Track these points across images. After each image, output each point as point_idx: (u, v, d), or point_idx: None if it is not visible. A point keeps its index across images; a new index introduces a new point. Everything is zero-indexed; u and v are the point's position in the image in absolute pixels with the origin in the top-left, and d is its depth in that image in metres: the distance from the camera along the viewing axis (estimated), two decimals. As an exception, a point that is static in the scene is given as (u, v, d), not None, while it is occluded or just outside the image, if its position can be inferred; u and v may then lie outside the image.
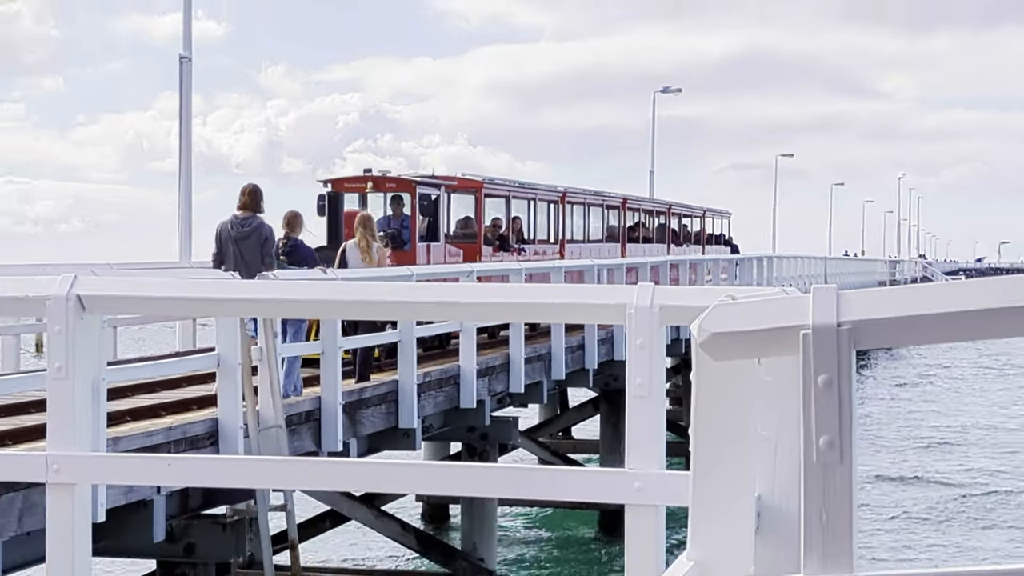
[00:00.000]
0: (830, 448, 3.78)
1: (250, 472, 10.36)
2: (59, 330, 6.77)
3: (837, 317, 3.79)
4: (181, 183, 29.63)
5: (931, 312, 4.19)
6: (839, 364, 3.78)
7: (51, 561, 6.70)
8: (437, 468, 15.83)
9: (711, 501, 4.00)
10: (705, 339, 3.92)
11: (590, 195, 38.34)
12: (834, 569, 3.81)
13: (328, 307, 12.92)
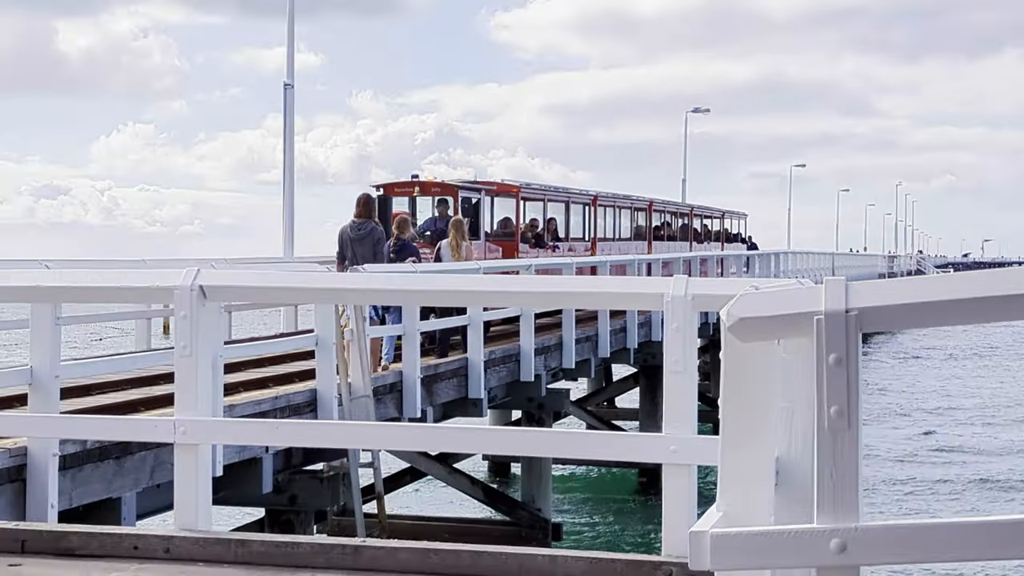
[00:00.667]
0: (839, 416, 3.72)
1: (343, 434, 10.37)
2: (184, 315, 6.78)
3: (846, 304, 3.73)
4: (285, 191, 29.75)
5: (926, 300, 4.12)
6: (847, 345, 3.72)
7: (178, 508, 6.72)
8: (501, 432, 15.85)
9: (737, 461, 3.96)
10: (733, 323, 3.86)
11: (619, 199, 37.44)
12: (843, 519, 3.74)
13: (401, 296, 12.93)
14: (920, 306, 4.23)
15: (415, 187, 25.25)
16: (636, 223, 38.29)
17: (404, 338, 16.19)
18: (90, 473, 10.58)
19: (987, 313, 4.21)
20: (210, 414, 7.16)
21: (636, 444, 11.58)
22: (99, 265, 18.41)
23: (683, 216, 45.18)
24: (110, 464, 10.79)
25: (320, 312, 14.14)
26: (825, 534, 3.76)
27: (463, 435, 12.88)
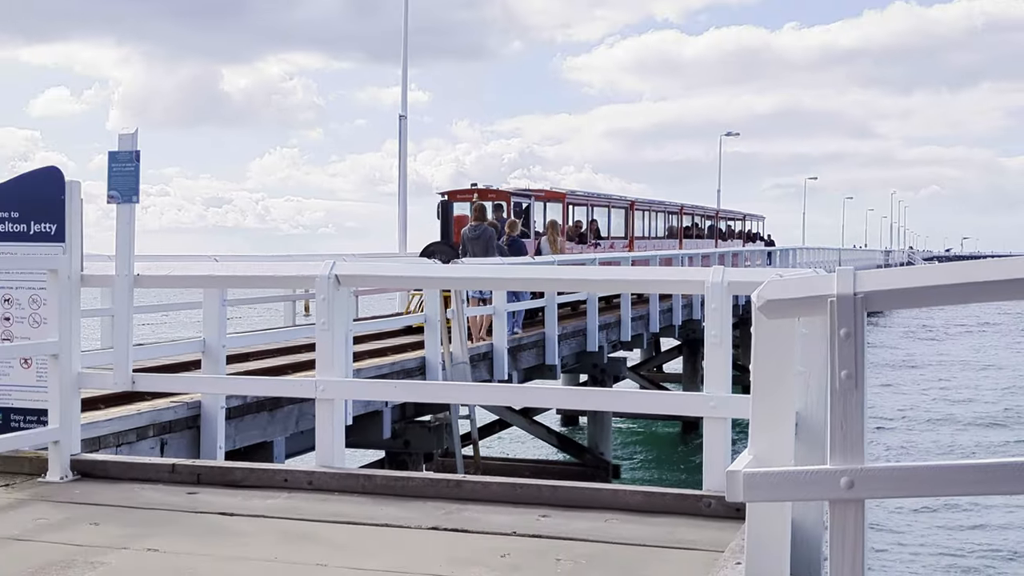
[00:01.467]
0: (849, 379, 3.68)
1: (446, 392, 10.44)
2: (323, 298, 6.84)
3: (854, 289, 3.69)
4: (400, 200, 29.80)
5: (919, 285, 4.05)
6: (855, 321, 3.68)
7: (319, 450, 6.78)
8: (571, 391, 15.86)
9: (765, 415, 3.94)
10: (762, 304, 3.84)
11: (654, 203, 36.46)
12: (851, 461, 3.71)
13: (487, 282, 12.95)
14: (914, 290, 4.18)
15: (474, 194, 24.34)
16: (669, 224, 37.32)
17: (495, 317, 16.22)
18: (249, 422, 10.75)
19: (966, 296, 4.17)
20: (343, 376, 7.24)
21: (682, 401, 11.59)
22: (255, 259, 18.66)
23: (710, 218, 44.02)
24: (265, 415, 10.95)
25: (429, 296, 14.21)
26: (837, 473, 3.72)
27: (541, 393, 12.86)
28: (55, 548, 5.19)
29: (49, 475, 6.72)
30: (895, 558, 15.49)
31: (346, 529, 5.55)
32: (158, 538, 5.38)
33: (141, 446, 9.14)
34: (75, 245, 7.12)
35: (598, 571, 4.77)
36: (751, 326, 3.97)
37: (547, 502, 5.96)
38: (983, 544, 16.41)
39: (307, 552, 5.12)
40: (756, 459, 3.98)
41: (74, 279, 7.05)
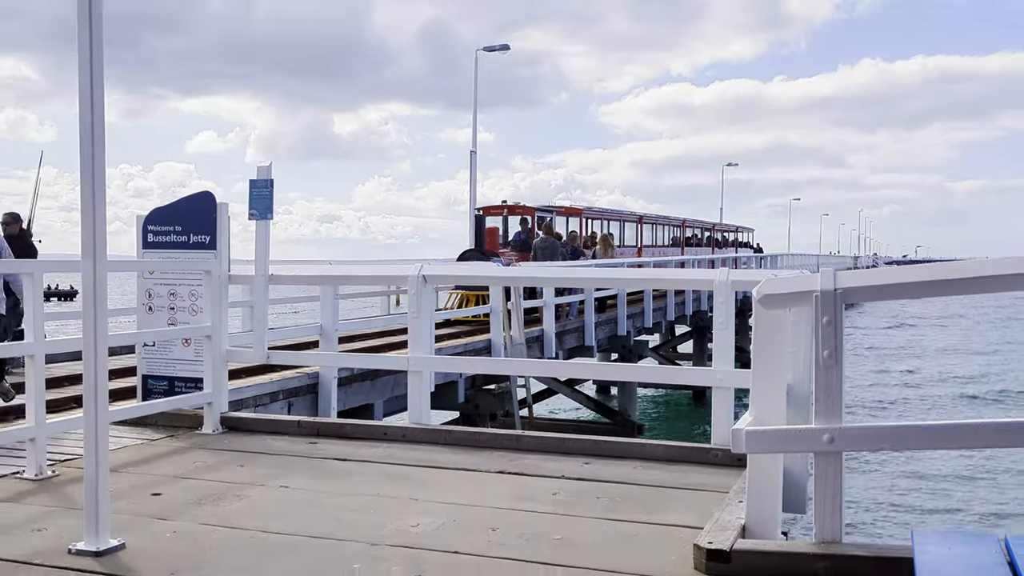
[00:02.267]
0: (830, 357, 3.63)
1: (507, 366, 10.44)
2: (414, 293, 6.84)
3: (834, 286, 3.63)
4: (470, 217, 29.68)
5: (884, 283, 3.98)
6: (835, 311, 3.63)
7: (411, 410, 6.81)
8: (605, 366, 15.80)
9: (762, 385, 3.90)
10: (760, 297, 3.81)
11: (660, 218, 34.62)
12: (832, 422, 3.66)
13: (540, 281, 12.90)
14: (881, 287, 4.12)
15: (504, 209, 23.23)
16: (673, 235, 35.92)
17: (545, 308, 16.12)
18: (356, 388, 10.79)
19: (921, 291, 4.11)
20: (428, 353, 7.24)
21: (695, 374, 11.55)
22: (359, 264, 18.74)
23: (707, 230, 42.29)
24: (367, 383, 10.98)
25: (493, 291, 14.16)
26: (820, 431, 3.68)
27: (581, 367, 12.87)
28: (211, 484, 5.26)
29: (204, 428, 6.81)
30: (866, 499, 15.24)
31: (431, 471, 5.57)
32: (288, 477, 5.44)
33: (273, 407, 9.22)
34: (224, 252, 7.20)
35: (630, 506, 4.74)
36: (749, 316, 3.94)
37: (588, 452, 5.95)
38: (939, 492, 16.09)
39: (402, 488, 5.14)
40: (755, 420, 3.93)
41: (223, 278, 7.14)
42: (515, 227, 22.32)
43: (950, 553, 2.55)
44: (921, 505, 15.28)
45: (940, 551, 2.56)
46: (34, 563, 3.91)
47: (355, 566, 3.86)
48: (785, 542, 3.89)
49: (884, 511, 14.70)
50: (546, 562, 3.90)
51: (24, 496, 5.00)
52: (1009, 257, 3.70)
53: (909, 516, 14.43)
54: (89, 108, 3.91)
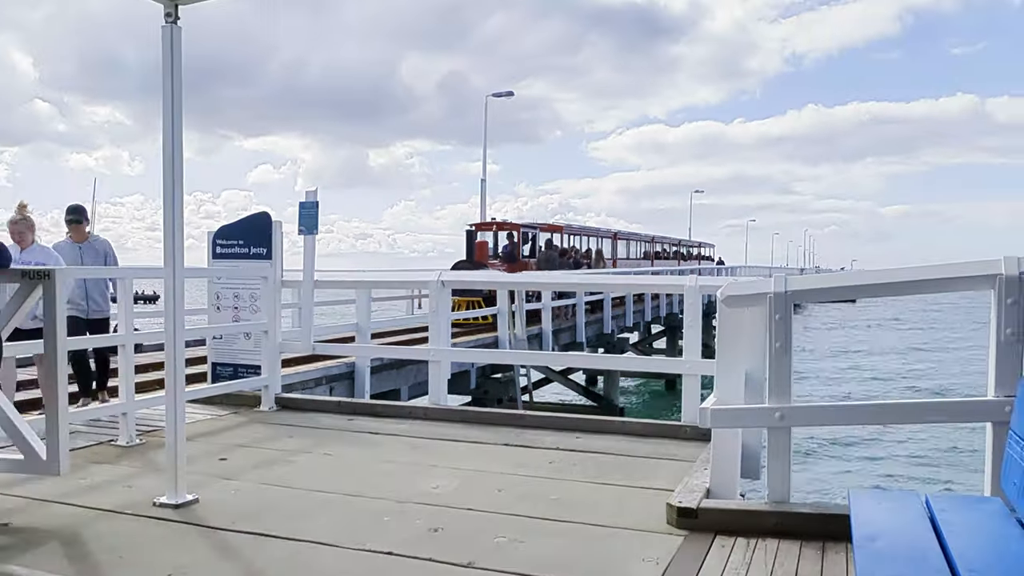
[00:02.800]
0: (780, 347, 3.64)
1: (512, 358, 10.43)
2: (434, 296, 6.85)
3: (785, 288, 3.65)
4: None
5: (825, 287, 3.99)
6: (786, 310, 3.64)
7: (431, 392, 6.79)
8: (593, 357, 15.75)
9: (724, 371, 3.91)
10: (724, 298, 3.82)
11: (632, 234, 32.29)
12: (782, 402, 3.67)
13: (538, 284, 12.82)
14: (822, 290, 4.13)
15: (494, 226, 21.57)
16: (644, 250, 33.82)
17: (543, 309, 16.08)
18: (385, 375, 10.79)
19: (852, 293, 4.13)
20: (446, 346, 7.23)
21: (668, 364, 11.54)
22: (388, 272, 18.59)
23: (675, 245, 40.47)
24: (395, 371, 10.98)
25: (500, 295, 14.14)
26: (772, 410, 3.69)
27: (573, 359, 12.87)
28: (267, 451, 5.28)
29: (262, 407, 6.83)
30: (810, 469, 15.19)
31: (448, 444, 5.58)
32: (330, 446, 5.46)
33: (317, 390, 9.22)
34: (278, 261, 7.23)
35: (614, 473, 4.75)
36: (714, 317, 3.94)
37: (579, 428, 5.95)
38: (875, 462, 16.06)
39: (424, 456, 5.15)
40: (718, 400, 3.94)
41: (277, 283, 7.16)
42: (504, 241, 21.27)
43: (880, 508, 2.56)
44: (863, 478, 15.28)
45: (872, 507, 2.58)
46: (126, 513, 3.94)
47: (385, 519, 3.88)
48: (743, 501, 3.90)
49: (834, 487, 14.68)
50: (545, 517, 3.91)
51: (117, 459, 5.03)
52: (920, 266, 3.74)
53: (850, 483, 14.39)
54: (171, 147, 3.95)
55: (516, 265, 19.26)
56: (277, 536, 3.61)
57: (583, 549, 3.49)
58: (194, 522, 3.81)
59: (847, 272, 3.87)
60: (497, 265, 18.99)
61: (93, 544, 3.51)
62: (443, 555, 3.38)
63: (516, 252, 19.94)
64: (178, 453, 4.07)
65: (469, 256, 19.07)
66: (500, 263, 19.31)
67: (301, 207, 8.11)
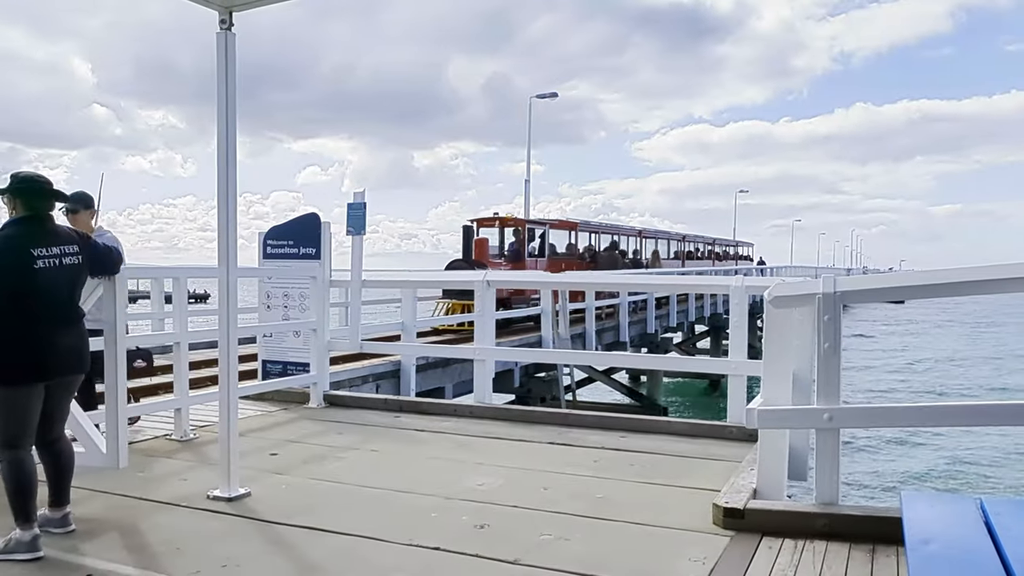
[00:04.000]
0: (829, 348, 3.59)
1: (556, 357, 10.41)
2: (480, 295, 6.86)
3: (834, 289, 3.59)
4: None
5: (874, 287, 3.91)
6: (835, 310, 3.58)
7: (476, 391, 6.81)
8: (636, 357, 15.67)
9: (772, 372, 3.85)
10: (771, 299, 3.77)
11: (661, 232, 29.00)
12: (831, 402, 3.61)
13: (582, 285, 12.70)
14: (872, 291, 4.05)
15: (497, 221, 18.93)
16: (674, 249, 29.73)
17: (586, 312, 15.99)
18: (431, 373, 10.86)
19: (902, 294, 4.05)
20: (491, 345, 7.22)
21: (714, 364, 11.42)
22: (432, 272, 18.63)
23: (709, 244, 35.70)
24: (440, 369, 11.05)
25: (544, 295, 14.10)
26: (821, 411, 3.63)
27: (617, 358, 12.82)
28: (316, 447, 5.36)
29: (311, 403, 6.93)
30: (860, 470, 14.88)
31: (493, 441, 5.60)
32: (377, 442, 5.52)
33: (364, 387, 9.32)
34: (326, 261, 7.33)
35: (659, 472, 4.71)
36: (759, 317, 3.89)
37: (623, 428, 5.92)
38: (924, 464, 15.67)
39: (469, 454, 5.17)
40: (765, 401, 3.89)
41: (326, 282, 7.26)
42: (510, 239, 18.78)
43: (933, 512, 2.50)
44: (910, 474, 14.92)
45: (925, 511, 2.52)
46: (181, 505, 4.04)
47: (432, 515, 3.91)
48: (791, 502, 3.85)
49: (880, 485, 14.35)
50: (590, 515, 3.91)
51: (172, 453, 5.16)
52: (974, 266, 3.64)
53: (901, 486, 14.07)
54: (225, 150, 4.03)
55: (520, 264, 17.40)
56: (327, 530, 3.67)
57: (628, 548, 3.48)
58: (247, 515, 3.89)
59: (897, 272, 3.78)
60: (501, 265, 17.21)
61: (151, 535, 3.61)
62: (489, 551, 3.40)
63: (522, 250, 17.89)
64: (231, 448, 4.16)
65: (466, 255, 17.01)
66: (505, 263, 17.48)
67: (349, 208, 8.22)
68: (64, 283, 3.50)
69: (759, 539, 3.51)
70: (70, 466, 3.66)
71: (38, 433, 3.52)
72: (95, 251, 3.75)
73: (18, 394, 3.37)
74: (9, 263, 3.36)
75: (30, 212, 3.48)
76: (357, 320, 7.70)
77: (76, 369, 3.60)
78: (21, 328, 3.36)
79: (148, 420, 5.94)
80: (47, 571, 3.22)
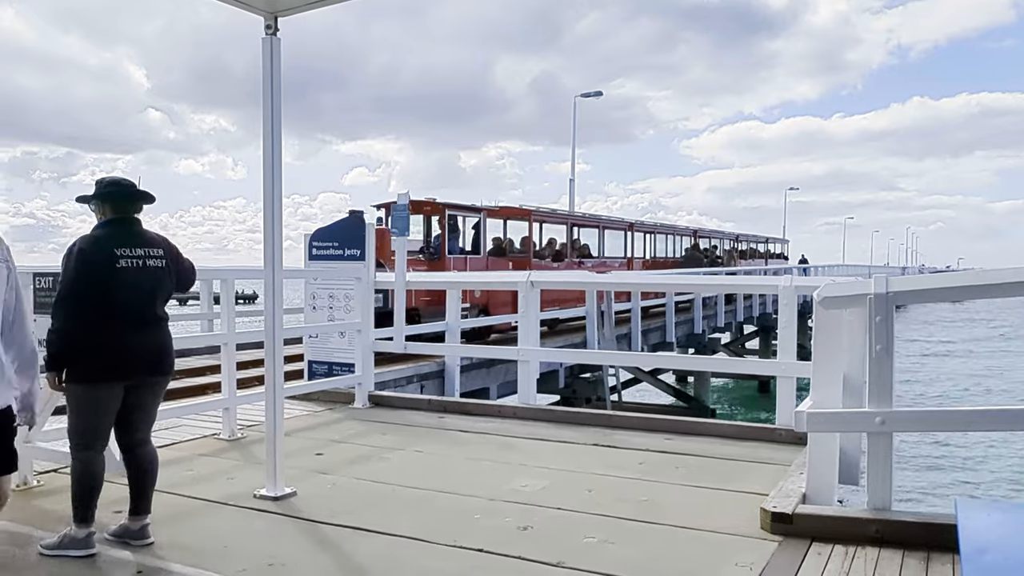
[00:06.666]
0: (882, 350, 3.51)
1: (600, 358, 10.35)
2: (523, 296, 6.85)
3: (886, 289, 3.51)
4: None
5: (929, 287, 3.81)
6: (887, 311, 3.51)
7: (520, 392, 6.79)
8: (683, 357, 15.48)
9: (822, 374, 3.79)
10: (821, 299, 3.70)
11: (661, 226, 24.21)
12: (883, 406, 3.54)
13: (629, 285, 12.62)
14: (926, 291, 3.95)
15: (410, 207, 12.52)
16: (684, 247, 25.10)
17: (632, 314, 15.89)
18: (475, 374, 10.87)
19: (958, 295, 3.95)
20: (535, 346, 7.21)
21: (763, 366, 11.27)
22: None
23: (732, 240, 30.07)
24: (484, 370, 11.06)
25: (589, 296, 14.01)
26: (873, 414, 3.56)
27: (663, 359, 12.69)
28: (361, 448, 5.43)
29: (356, 403, 7.01)
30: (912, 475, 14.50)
31: (537, 443, 5.60)
32: (421, 443, 5.56)
33: (409, 388, 9.39)
34: (371, 262, 7.41)
35: (705, 475, 4.67)
36: (808, 317, 3.82)
37: (669, 430, 5.87)
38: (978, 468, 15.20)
39: (513, 456, 5.18)
40: (815, 404, 3.83)
41: (370, 283, 7.34)
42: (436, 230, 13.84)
43: (991, 520, 2.43)
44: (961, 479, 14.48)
45: (982, 519, 2.45)
46: (228, 504, 4.13)
47: (476, 516, 3.92)
48: (841, 507, 3.77)
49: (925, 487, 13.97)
50: (634, 518, 3.88)
51: (220, 452, 5.27)
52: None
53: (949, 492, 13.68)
54: (270, 155, 4.10)
55: (440, 265, 12.99)
56: (372, 530, 3.71)
57: (674, 552, 3.45)
58: (293, 514, 3.95)
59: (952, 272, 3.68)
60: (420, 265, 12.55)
61: (199, 533, 3.69)
62: (533, 554, 3.40)
63: (441, 246, 13.36)
64: (277, 448, 4.23)
65: None
66: (424, 262, 12.85)
67: (393, 209, 8.32)
68: (146, 284, 3.45)
69: (808, 545, 3.45)
70: (153, 472, 3.57)
71: (119, 436, 3.49)
72: (181, 263, 3.68)
73: (93, 393, 3.35)
74: (92, 261, 3.35)
75: (119, 215, 3.49)
76: (401, 321, 7.77)
77: (158, 371, 3.51)
78: (100, 327, 3.32)
79: (197, 419, 6.08)
80: (97, 568, 3.32)
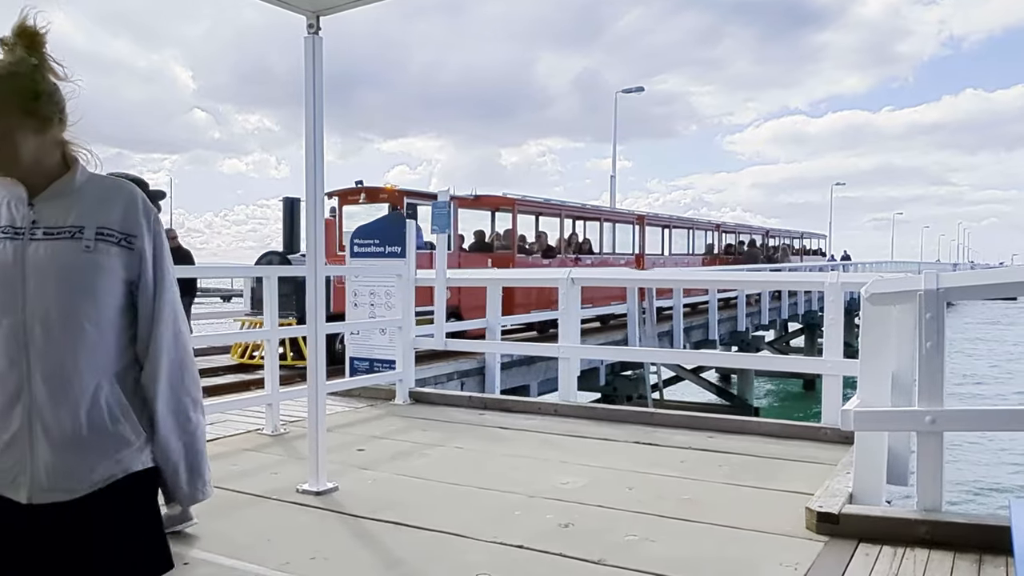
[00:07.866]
0: (932, 347, 3.43)
1: (642, 355, 10.27)
2: (563, 292, 6.85)
3: (937, 285, 3.43)
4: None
5: (982, 284, 3.72)
6: (938, 308, 3.43)
7: (561, 389, 6.80)
8: (726, 355, 15.34)
9: (869, 372, 3.72)
10: (869, 296, 3.64)
11: (680, 219, 22.51)
12: (934, 404, 3.46)
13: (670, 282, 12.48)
14: (979, 287, 3.84)
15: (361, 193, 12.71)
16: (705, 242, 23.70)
17: (674, 310, 15.77)
18: (515, 371, 10.90)
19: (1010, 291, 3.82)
20: (576, 343, 7.20)
21: (808, 363, 11.03)
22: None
23: (762, 235, 28.21)
24: (524, 367, 11.09)
25: (629, 294, 13.98)
26: (923, 413, 3.48)
27: (706, 356, 12.54)
28: (402, 443, 5.48)
29: (396, 400, 7.07)
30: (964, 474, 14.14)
31: (578, 440, 5.59)
32: (462, 439, 5.59)
33: (449, 385, 9.45)
34: (411, 260, 7.47)
35: (748, 474, 4.61)
36: (855, 314, 3.74)
37: (712, 428, 5.82)
38: None
39: (554, 453, 5.18)
40: (862, 402, 3.76)
41: (411, 280, 7.40)
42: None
43: (1046, 521, 2.36)
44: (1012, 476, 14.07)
45: (1037, 520, 2.37)
46: (272, 498, 4.20)
47: (516, 513, 3.93)
48: (889, 508, 3.69)
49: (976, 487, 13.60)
50: (676, 517, 3.85)
51: (263, 447, 5.36)
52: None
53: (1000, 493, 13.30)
54: (312, 155, 4.14)
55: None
56: (413, 526, 3.74)
57: (716, 551, 3.41)
58: (335, 509, 4.00)
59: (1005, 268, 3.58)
60: None
61: (243, 527, 3.76)
62: (573, 551, 3.40)
63: None
64: (319, 443, 4.29)
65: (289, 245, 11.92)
66: None
67: (434, 207, 8.37)
68: None
69: (855, 546, 3.38)
70: None
71: None
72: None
73: None
74: None
75: None
76: (441, 318, 7.82)
77: None
78: None
79: (241, 415, 6.20)
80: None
